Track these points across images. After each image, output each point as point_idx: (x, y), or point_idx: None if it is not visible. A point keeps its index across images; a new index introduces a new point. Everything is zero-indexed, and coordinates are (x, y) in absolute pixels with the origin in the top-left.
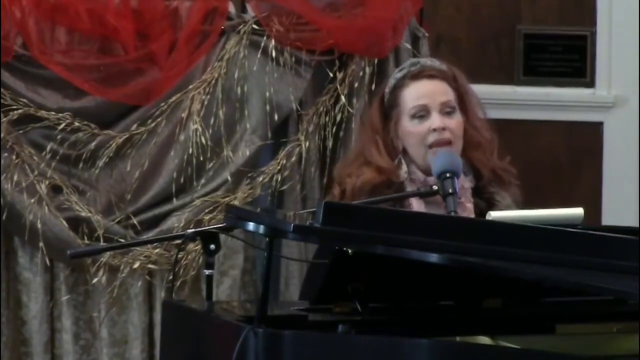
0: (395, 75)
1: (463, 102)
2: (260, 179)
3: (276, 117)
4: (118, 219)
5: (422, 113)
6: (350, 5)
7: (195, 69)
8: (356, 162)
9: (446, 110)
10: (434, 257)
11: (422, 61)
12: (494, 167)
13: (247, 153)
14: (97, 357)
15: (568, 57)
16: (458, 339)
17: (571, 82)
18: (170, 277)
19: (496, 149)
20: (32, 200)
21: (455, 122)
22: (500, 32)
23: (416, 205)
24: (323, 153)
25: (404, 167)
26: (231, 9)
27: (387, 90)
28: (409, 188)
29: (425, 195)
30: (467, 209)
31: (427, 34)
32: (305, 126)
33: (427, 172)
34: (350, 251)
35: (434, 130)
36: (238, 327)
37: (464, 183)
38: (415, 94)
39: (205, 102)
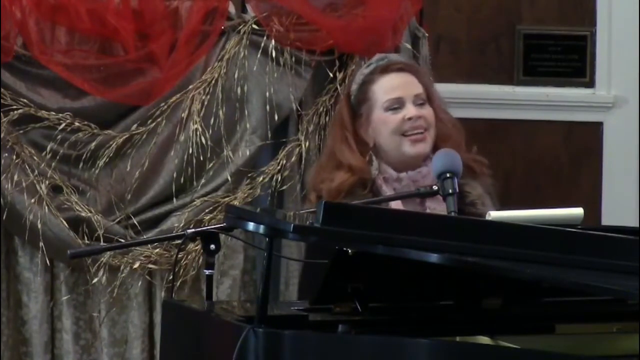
0: (363, 71)
1: (430, 96)
2: (260, 179)
3: (276, 117)
4: (118, 219)
5: (396, 105)
6: (350, 5)
7: (195, 69)
8: (328, 167)
9: (419, 102)
10: (434, 257)
11: (389, 56)
12: (464, 159)
13: (247, 153)
14: (97, 357)
15: (568, 57)
16: (458, 339)
17: (571, 82)
18: (170, 277)
19: (464, 141)
20: (32, 200)
21: (428, 112)
22: (500, 32)
23: (394, 203)
24: None
25: (375, 164)
26: (231, 9)
27: (354, 87)
28: (383, 186)
29: (425, 195)
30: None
31: (427, 34)
32: (305, 126)
33: (398, 168)
34: (350, 251)
35: (409, 119)
36: (238, 327)
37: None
38: (388, 86)
39: (205, 102)
